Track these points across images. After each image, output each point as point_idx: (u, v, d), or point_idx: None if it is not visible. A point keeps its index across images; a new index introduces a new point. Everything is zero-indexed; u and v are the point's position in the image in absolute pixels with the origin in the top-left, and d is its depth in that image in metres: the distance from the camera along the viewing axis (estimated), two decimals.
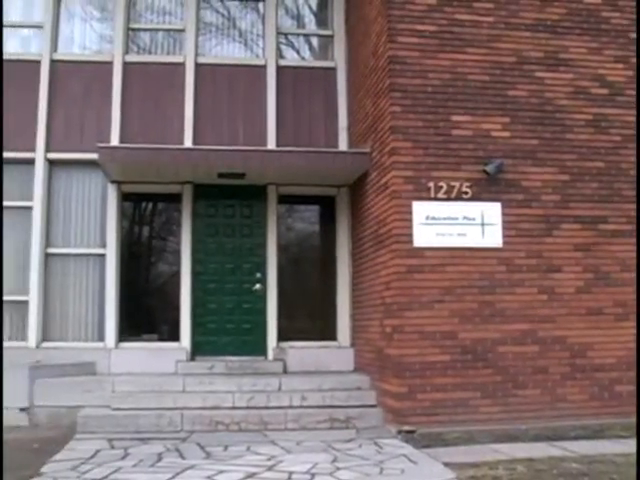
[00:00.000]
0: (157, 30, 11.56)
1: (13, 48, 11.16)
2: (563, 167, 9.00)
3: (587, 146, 9.11)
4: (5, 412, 8.64)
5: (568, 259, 8.87)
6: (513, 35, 9.16)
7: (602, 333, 8.81)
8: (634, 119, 9.12)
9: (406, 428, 8.08)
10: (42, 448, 7.43)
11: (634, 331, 8.52)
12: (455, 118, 8.88)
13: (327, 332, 10.97)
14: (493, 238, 8.75)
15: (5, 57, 10.76)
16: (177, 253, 10.95)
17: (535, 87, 9.11)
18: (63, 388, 9.09)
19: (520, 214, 8.85)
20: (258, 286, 10.80)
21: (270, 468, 6.43)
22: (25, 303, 10.40)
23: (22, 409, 8.87)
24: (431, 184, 8.69)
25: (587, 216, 8.99)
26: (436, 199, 8.68)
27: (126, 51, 11.14)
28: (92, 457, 6.95)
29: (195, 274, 10.81)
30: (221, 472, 6.24)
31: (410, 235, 8.57)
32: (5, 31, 11.18)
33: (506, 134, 8.97)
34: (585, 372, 8.71)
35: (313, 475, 6.19)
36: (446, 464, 6.53)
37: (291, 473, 6.23)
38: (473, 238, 8.71)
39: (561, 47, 9.22)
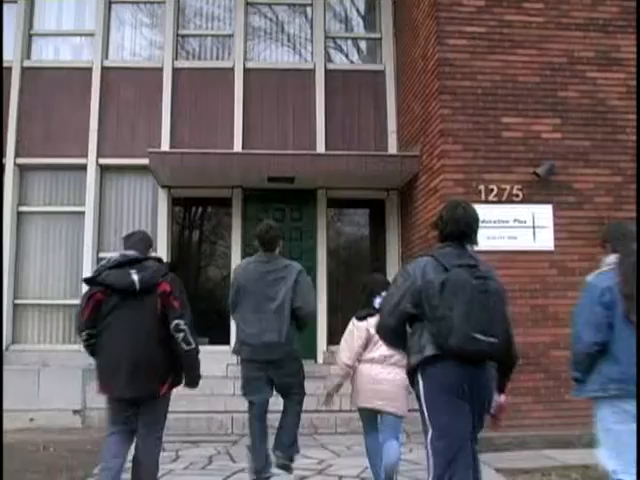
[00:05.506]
0: (206, 36, 11.68)
1: (65, 56, 11.42)
2: (616, 168, 8.84)
3: None
4: (60, 414, 8.89)
5: None
6: (564, 35, 9.06)
7: None
8: None
9: None
10: (95, 450, 7.50)
11: None
12: (505, 120, 8.80)
13: None
14: (544, 241, 8.64)
15: (57, 65, 11.11)
16: (227, 257, 10.99)
17: (586, 87, 8.99)
18: None
19: (572, 216, 8.72)
20: None
21: (320, 472, 6.44)
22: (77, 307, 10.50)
23: (75, 411, 8.99)
24: (481, 187, 8.63)
25: None
26: (487, 202, 8.59)
27: (175, 57, 11.26)
28: None
29: None
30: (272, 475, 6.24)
31: None
32: (57, 39, 11.51)
33: (557, 135, 8.86)
34: None
35: (363, 479, 6.17)
36: (498, 470, 6.45)
37: (341, 477, 6.25)
38: (524, 241, 8.62)
39: (613, 46, 9.08)
